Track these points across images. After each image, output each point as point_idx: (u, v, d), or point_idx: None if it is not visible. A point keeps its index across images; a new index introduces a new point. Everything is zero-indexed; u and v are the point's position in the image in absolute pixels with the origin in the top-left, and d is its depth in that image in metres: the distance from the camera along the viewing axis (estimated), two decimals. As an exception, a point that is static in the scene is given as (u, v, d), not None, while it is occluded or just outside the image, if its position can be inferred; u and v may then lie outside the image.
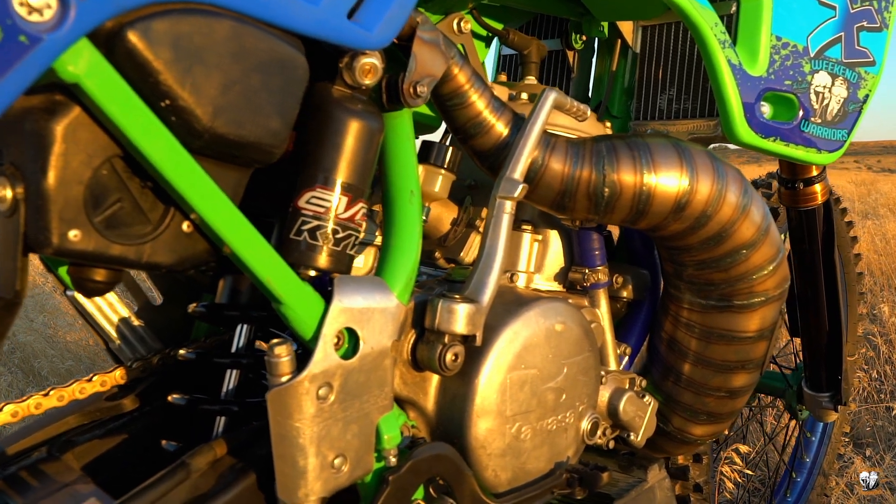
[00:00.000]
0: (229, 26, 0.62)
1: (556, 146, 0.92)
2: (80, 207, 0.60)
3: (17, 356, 2.51)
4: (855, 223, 1.88)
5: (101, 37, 0.56)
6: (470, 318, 0.82)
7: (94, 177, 0.60)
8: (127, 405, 0.89)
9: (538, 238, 1.07)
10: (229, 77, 0.62)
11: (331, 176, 0.74)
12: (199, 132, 0.61)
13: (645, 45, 1.21)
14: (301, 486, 0.72)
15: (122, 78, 0.57)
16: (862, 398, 2.68)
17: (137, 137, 0.59)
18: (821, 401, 1.59)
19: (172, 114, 0.60)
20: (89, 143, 0.59)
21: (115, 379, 0.89)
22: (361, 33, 0.71)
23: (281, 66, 0.66)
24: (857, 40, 1.16)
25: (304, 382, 0.70)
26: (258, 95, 0.65)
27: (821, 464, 2.07)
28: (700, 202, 0.95)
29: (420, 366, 0.84)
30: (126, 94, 0.58)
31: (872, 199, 8.08)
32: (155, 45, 0.58)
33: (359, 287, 0.75)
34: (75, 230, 0.60)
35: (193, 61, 0.60)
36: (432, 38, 0.82)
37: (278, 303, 0.70)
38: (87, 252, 0.61)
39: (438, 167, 0.93)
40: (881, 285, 3.94)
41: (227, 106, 0.62)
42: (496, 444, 0.87)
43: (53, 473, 0.81)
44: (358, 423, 0.75)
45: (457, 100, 0.88)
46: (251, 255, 0.67)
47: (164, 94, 0.59)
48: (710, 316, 1.07)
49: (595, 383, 0.99)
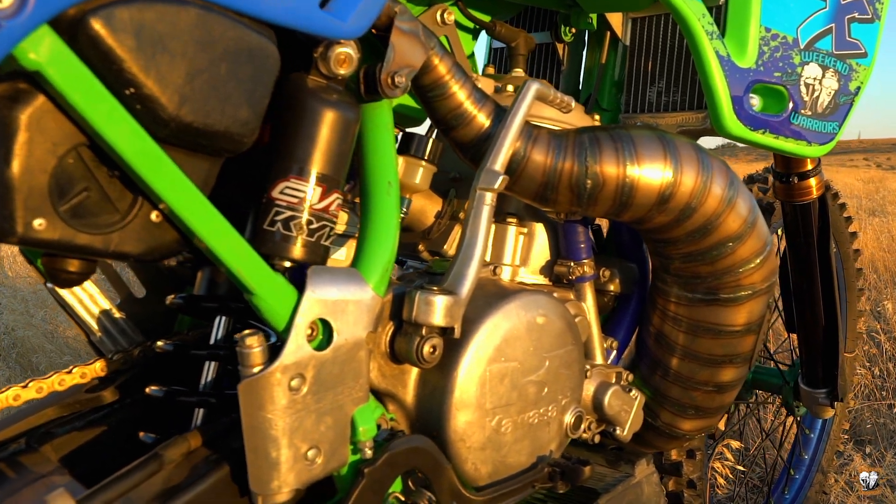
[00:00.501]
0: (195, 14, 0.61)
1: (538, 137, 0.91)
2: (44, 196, 0.59)
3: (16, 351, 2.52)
4: (861, 220, 1.87)
5: (64, 24, 0.56)
6: (448, 310, 0.81)
7: (59, 165, 0.60)
8: (107, 397, 0.89)
9: (523, 231, 1.06)
10: (195, 65, 0.62)
11: (305, 166, 0.74)
12: (164, 121, 0.61)
13: (634, 37, 1.20)
14: (274, 478, 0.72)
15: (84, 66, 0.57)
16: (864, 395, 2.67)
17: (101, 126, 0.58)
18: (817, 397, 1.58)
19: (137, 102, 0.60)
20: (54, 132, 0.59)
21: (95, 371, 0.89)
22: (334, 22, 0.71)
23: (250, 55, 0.66)
24: (849, 32, 1.15)
25: (275, 373, 0.70)
26: (226, 84, 0.64)
27: (819, 461, 2.06)
28: (684, 194, 0.94)
29: (398, 358, 0.84)
30: (89, 82, 0.57)
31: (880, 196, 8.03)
32: (118, 33, 0.57)
33: (333, 278, 0.75)
34: (40, 219, 0.59)
35: (157, 49, 0.59)
36: (411, 28, 0.81)
37: (250, 293, 0.70)
38: (53, 241, 0.61)
39: (419, 159, 0.92)
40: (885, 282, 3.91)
41: (193, 94, 0.62)
42: (476, 437, 0.87)
43: (31, 465, 0.81)
44: (332, 415, 0.75)
45: (437, 91, 0.87)
46: (220, 246, 0.66)
47: (127, 83, 0.59)
48: (696, 309, 1.06)
49: (579, 377, 0.99)
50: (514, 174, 0.91)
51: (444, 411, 0.85)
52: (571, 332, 0.96)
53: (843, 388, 1.55)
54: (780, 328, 1.84)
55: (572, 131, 0.94)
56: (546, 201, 0.94)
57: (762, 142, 1.09)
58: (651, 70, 1.18)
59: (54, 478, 0.79)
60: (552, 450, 0.96)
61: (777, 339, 2.48)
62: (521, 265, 1.06)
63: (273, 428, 0.70)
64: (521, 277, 1.06)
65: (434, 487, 0.83)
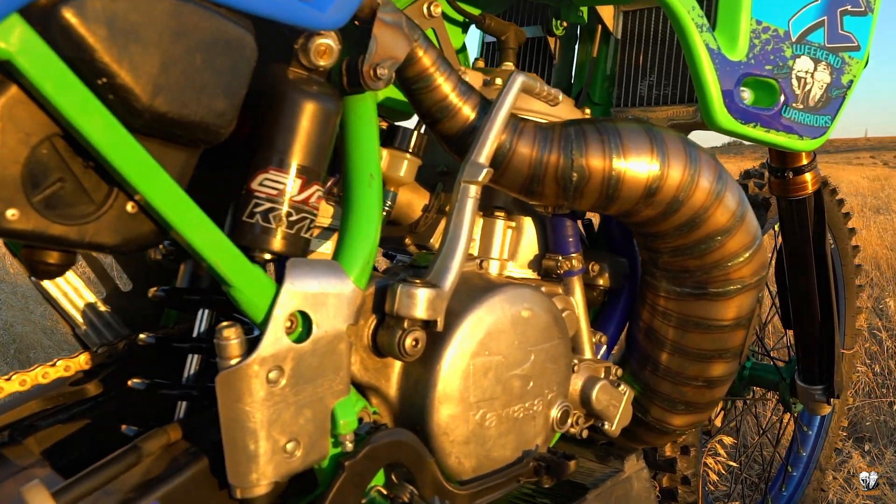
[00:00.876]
0: (169, 4, 0.61)
1: (524, 130, 0.91)
2: (17, 187, 0.59)
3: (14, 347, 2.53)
4: (866, 218, 1.86)
5: (35, 13, 0.56)
6: (430, 303, 0.81)
7: (32, 156, 0.60)
8: (91, 390, 0.89)
9: (511, 225, 1.05)
10: (170, 55, 0.61)
11: (285, 158, 0.73)
12: (138, 111, 0.61)
13: (626, 30, 1.19)
14: (252, 471, 0.71)
15: (56, 56, 0.57)
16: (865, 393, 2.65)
17: (74, 116, 0.58)
18: (813, 393, 1.57)
19: (110, 92, 0.59)
20: (27, 122, 0.59)
21: (79, 364, 0.88)
22: (313, 13, 0.70)
23: (227, 46, 0.65)
24: (841, 24, 1.14)
25: (253, 365, 0.69)
26: (202, 75, 0.64)
27: (818, 458, 2.05)
28: (671, 187, 0.93)
29: (381, 351, 0.83)
30: (61, 72, 0.57)
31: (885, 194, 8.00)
32: (90, 22, 0.57)
33: (312, 270, 0.74)
34: (13, 209, 0.59)
35: (131, 39, 0.59)
36: (394, 20, 0.81)
37: (228, 285, 0.69)
38: (26, 232, 0.60)
39: (403, 151, 0.92)
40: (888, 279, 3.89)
41: (167, 85, 0.61)
42: (459, 431, 0.86)
43: (13, 458, 0.81)
44: (311, 408, 0.74)
45: (422, 83, 0.87)
46: (197, 237, 0.66)
47: (100, 72, 0.58)
48: (685, 304, 1.05)
49: (565, 371, 0.98)
50: (500, 167, 0.90)
51: (427, 405, 0.84)
52: (558, 326, 0.96)
53: (840, 384, 1.55)
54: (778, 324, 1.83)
55: (559, 124, 0.94)
56: (532, 194, 0.94)
57: (753, 135, 1.08)
58: (642, 64, 1.17)
59: (36, 470, 0.80)
60: (538, 444, 0.95)
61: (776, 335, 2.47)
62: (509, 259, 1.06)
63: (251, 420, 0.70)
64: (510, 271, 1.06)
65: (417, 481, 0.83)
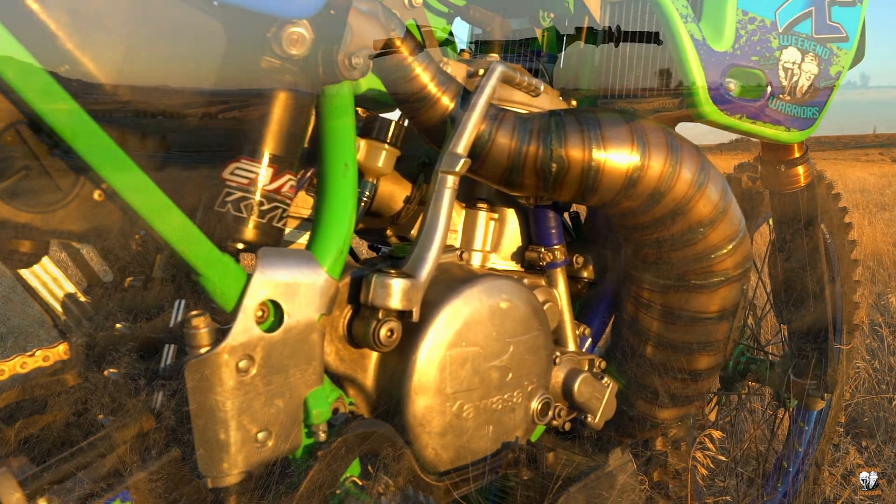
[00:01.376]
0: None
1: (503, 120, 0.90)
2: None
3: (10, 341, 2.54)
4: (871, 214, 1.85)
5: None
6: (405, 294, 0.81)
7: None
8: (69, 380, 0.89)
9: (494, 217, 1.05)
10: (134, 42, 0.61)
11: (257, 147, 0.73)
12: (102, 98, 0.61)
13: (612, 22, 1.18)
14: (223, 460, 0.71)
15: (19, 43, 0.57)
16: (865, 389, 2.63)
17: (37, 103, 0.58)
18: (807, 388, 1.56)
19: (73, 79, 0.59)
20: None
21: (57, 354, 0.89)
22: (285, 1, 0.70)
23: (195, 33, 0.65)
24: (829, 15, 1.13)
25: (222, 354, 0.69)
26: (167, 62, 0.64)
27: (814, 454, 2.04)
28: (652, 178, 0.93)
29: (356, 342, 0.83)
30: (23, 59, 0.57)
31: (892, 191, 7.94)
32: (52, 10, 0.57)
33: (284, 259, 0.74)
34: None
35: (94, 26, 0.59)
36: (369, 9, 0.80)
37: (196, 274, 0.69)
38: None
39: (381, 142, 0.91)
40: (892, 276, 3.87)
41: (131, 72, 0.61)
42: (436, 422, 0.86)
43: (-10, 447, 0.81)
44: (283, 398, 0.74)
45: (400, 73, 0.86)
46: (163, 225, 0.66)
47: (63, 59, 0.58)
48: (669, 296, 1.05)
49: (546, 363, 0.98)
50: (479, 157, 0.90)
51: (403, 396, 0.84)
52: (538, 317, 0.95)
53: (834, 379, 1.54)
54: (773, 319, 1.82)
55: (539, 114, 0.93)
56: (512, 185, 0.93)
57: (739, 127, 1.07)
58: (629, 55, 1.16)
59: (12, 459, 0.80)
60: (518, 436, 0.95)
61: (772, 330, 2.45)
62: (492, 251, 1.05)
63: (221, 409, 0.70)
64: (493, 263, 1.05)
65: (392, 472, 0.82)
